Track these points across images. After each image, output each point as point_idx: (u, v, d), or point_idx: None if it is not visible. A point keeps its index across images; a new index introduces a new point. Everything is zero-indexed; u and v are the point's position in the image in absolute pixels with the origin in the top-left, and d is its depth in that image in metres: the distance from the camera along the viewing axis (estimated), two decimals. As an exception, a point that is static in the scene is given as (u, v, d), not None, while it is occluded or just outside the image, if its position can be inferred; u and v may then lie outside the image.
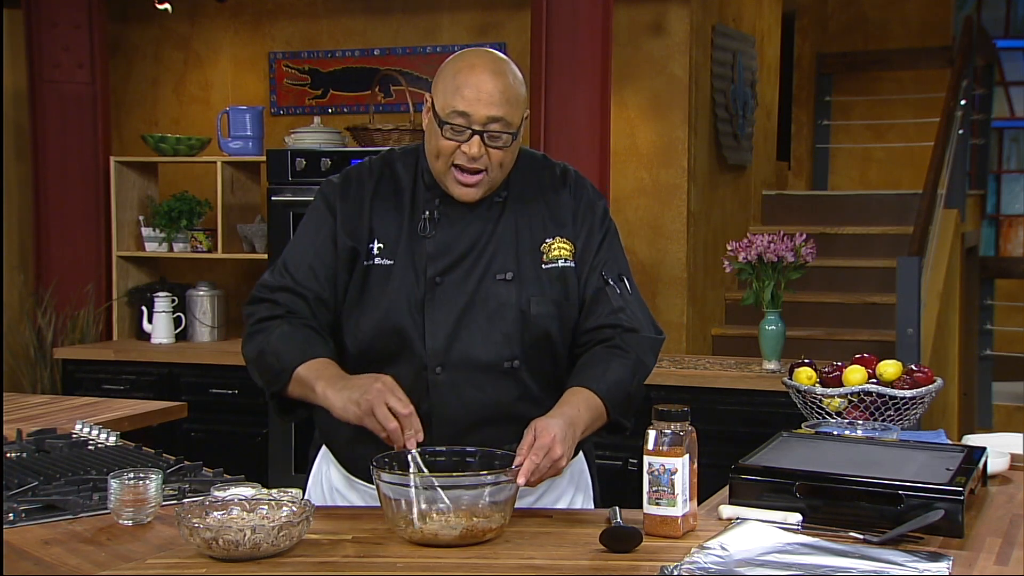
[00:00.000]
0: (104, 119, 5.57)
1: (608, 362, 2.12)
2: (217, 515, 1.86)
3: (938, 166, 5.75)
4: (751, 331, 4.80)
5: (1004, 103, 9.83)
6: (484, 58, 2.11)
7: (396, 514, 1.83)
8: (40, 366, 5.34)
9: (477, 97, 2.05)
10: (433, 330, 2.11)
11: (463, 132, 2.07)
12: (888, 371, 2.55)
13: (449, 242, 2.14)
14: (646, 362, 2.17)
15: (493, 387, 2.12)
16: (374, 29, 5.78)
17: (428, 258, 2.13)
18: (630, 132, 5.47)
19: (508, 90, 2.07)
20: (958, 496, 1.85)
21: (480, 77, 2.07)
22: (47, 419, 3.06)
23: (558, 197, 2.21)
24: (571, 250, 2.18)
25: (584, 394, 2.08)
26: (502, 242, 2.15)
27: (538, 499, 2.20)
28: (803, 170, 8.31)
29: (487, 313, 2.12)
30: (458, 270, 2.13)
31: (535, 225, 2.18)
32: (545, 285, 2.14)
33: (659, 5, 5.42)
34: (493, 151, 2.08)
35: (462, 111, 2.06)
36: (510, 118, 2.08)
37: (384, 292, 2.13)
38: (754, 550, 1.76)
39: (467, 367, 2.11)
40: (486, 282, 2.13)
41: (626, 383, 2.12)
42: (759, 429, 2.92)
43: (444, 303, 2.11)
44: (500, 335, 2.11)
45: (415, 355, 2.11)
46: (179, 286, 5.44)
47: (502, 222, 2.17)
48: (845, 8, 8.89)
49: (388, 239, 2.16)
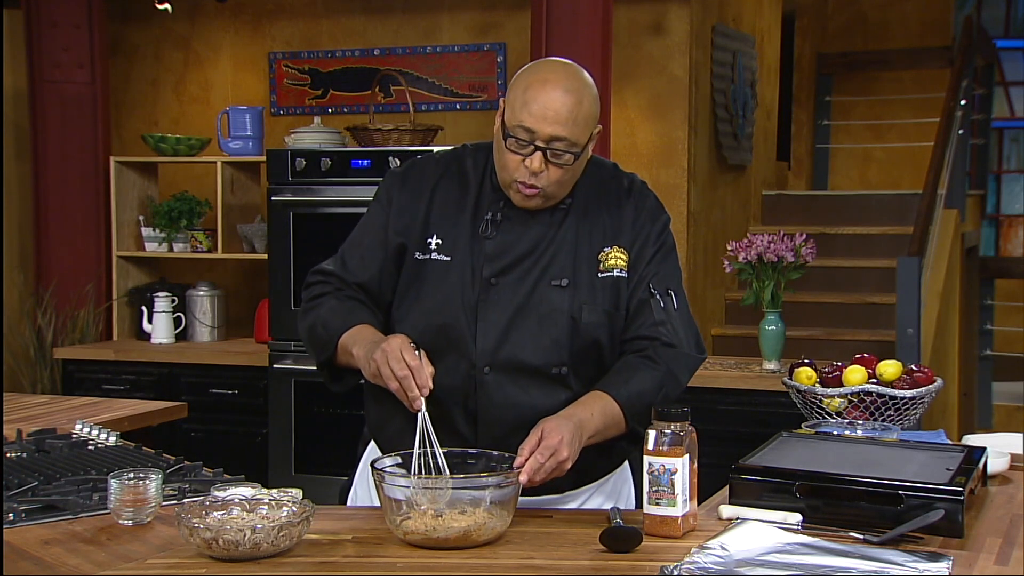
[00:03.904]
0: (104, 119, 5.57)
1: (635, 371, 2.12)
2: (217, 515, 1.86)
3: (938, 166, 5.75)
4: (751, 331, 4.80)
5: (1004, 103, 9.83)
6: (559, 73, 2.08)
7: (396, 514, 1.83)
8: (40, 366, 5.35)
9: (543, 115, 2.03)
10: (485, 330, 2.11)
11: (527, 146, 2.05)
12: (888, 371, 2.55)
13: (508, 245, 2.14)
14: (679, 377, 2.15)
15: (540, 391, 2.11)
16: (374, 29, 5.77)
17: (486, 259, 2.13)
18: (630, 132, 5.47)
19: (577, 109, 2.04)
20: (958, 496, 1.85)
21: (551, 94, 2.04)
22: (47, 419, 3.06)
23: (621, 208, 2.20)
24: (627, 260, 2.17)
25: (603, 399, 2.07)
26: (561, 248, 2.15)
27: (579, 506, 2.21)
28: (803, 170, 8.31)
29: (538, 318, 2.11)
30: (514, 273, 2.13)
31: (596, 234, 2.17)
32: (598, 294, 2.14)
33: (659, 5, 5.42)
34: (553, 168, 2.07)
35: (528, 127, 2.04)
36: (575, 138, 2.05)
37: (439, 288, 2.14)
38: (754, 550, 1.76)
39: (515, 370, 2.11)
40: (541, 287, 2.13)
41: (649, 394, 2.10)
42: (759, 429, 2.93)
43: (497, 304, 2.12)
44: (549, 340, 2.11)
45: (465, 354, 2.11)
46: (179, 286, 5.44)
47: (564, 228, 2.16)
48: (845, 8, 8.90)
49: (447, 235, 2.16)
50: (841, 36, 8.82)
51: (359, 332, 2.12)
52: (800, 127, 8.37)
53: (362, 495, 2.32)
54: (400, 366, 1.95)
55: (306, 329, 2.22)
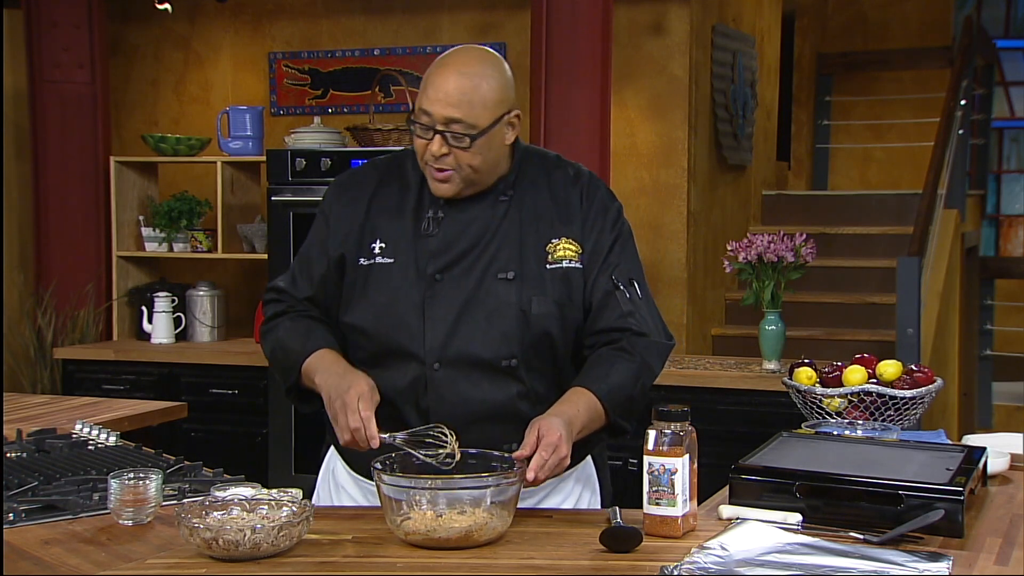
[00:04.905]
0: (104, 119, 5.57)
1: (612, 364, 2.12)
2: (217, 515, 1.86)
3: (938, 166, 5.75)
4: (751, 331, 4.80)
5: (1004, 103, 9.82)
6: (459, 57, 2.10)
7: (396, 514, 1.83)
8: (40, 366, 5.34)
9: (437, 97, 2.05)
10: (432, 327, 2.11)
11: (428, 131, 2.07)
12: (888, 371, 2.55)
13: (451, 240, 2.14)
14: (652, 366, 2.16)
15: (491, 385, 2.12)
16: (374, 29, 5.78)
17: (430, 256, 2.14)
18: (630, 132, 5.47)
19: (472, 92, 2.05)
20: (958, 496, 1.85)
21: (446, 77, 2.06)
22: (47, 419, 3.06)
23: (568, 197, 2.19)
24: (577, 251, 2.16)
25: (585, 395, 2.08)
26: (505, 241, 2.15)
27: (542, 500, 2.20)
28: (803, 170, 8.31)
29: (486, 311, 2.12)
30: (458, 268, 2.13)
31: (542, 225, 2.17)
32: (548, 285, 2.14)
33: (659, 5, 5.42)
34: (458, 151, 2.07)
35: (425, 110, 2.07)
36: (471, 120, 2.05)
37: (384, 290, 2.14)
38: (754, 550, 1.76)
39: (465, 364, 2.11)
40: (487, 280, 2.13)
41: (628, 386, 2.11)
42: (759, 429, 2.92)
43: (444, 300, 2.12)
44: (499, 333, 2.11)
45: (414, 352, 2.12)
46: (179, 286, 5.44)
47: (507, 221, 2.16)
48: (845, 8, 8.90)
49: (390, 238, 2.17)
50: (841, 36, 8.82)
51: (321, 359, 2.15)
52: (800, 127, 8.37)
53: (324, 497, 2.34)
54: (355, 418, 1.97)
55: (268, 354, 2.28)
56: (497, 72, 2.11)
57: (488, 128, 2.08)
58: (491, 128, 2.09)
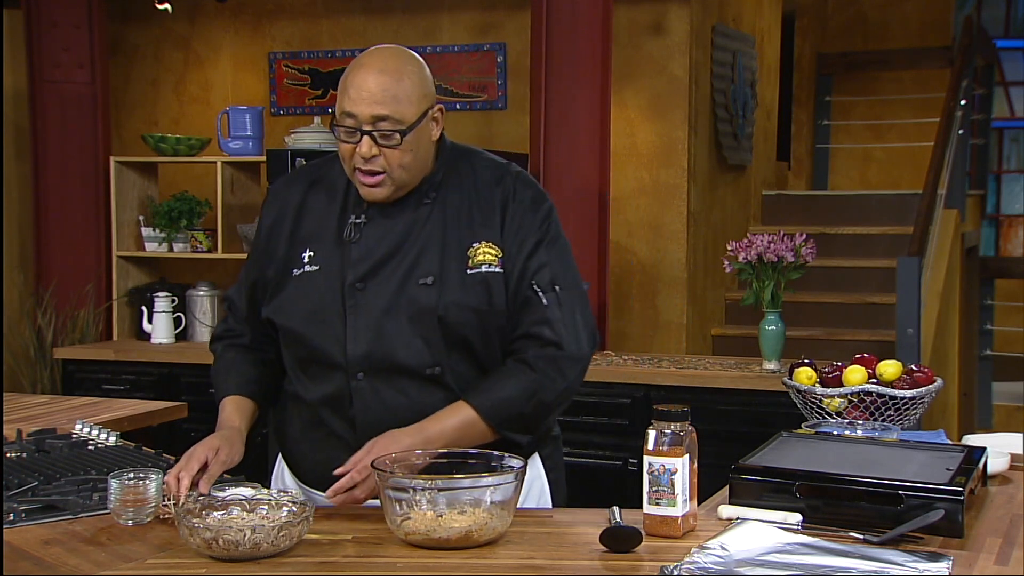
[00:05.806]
0: (104, 119, 5.57)
1: (505, 379, 2.07)
2: (217, 515, 1.86)
3: (938, 166, 5.75)
4: (751, 331, 4.80)
5: (1004, 103, 9.83)
6: (375, 56, 2.06)
7: (396, 514, 1.83)
8: (40, 366, 5.35)
9: (360, 96, 2.01)
10: (354, 336, 2.07)
11: (354, 133, 2.03)
12: (888, 371, 2.55)
13: (372, 247, 2.10)
14: (554, 380, 2.08)
15: (417, 393, 2.08)
16: (374, 29, 5.78)
17: (350, 264, 2.10)
18: (630, 132, 5.47)
19: (395, 86, 2.01)
20: (958, 496, 1.85)
21: (366, 76, 2.02)
22: (47, 419, 3.06)
23: (491, 200, 2.12)
24: (497, 255, 2.10)
25: (462, 410, 2.04)
26: (427, 245, 2.09)
27: None
28: (803, 170, 8.31)
29: (408, 318, 2.06)
30: (380, 275, 2.08)
31: (464, 228, 2.10)
32: (468, 291, 2.07)
33: (659, 5, 5.42)
34: (388, 151, 2.03)
35: (349, 112, 2.03)
36: (399, 115, 2.01)
37: (307, 299, 2.11)
38: (754, 550, 1.76)
39: (389, 373, 2.07)
40: (408, 287, 2.07)
41: (518, 401, 2.05)
42: (759, 429, 2.92)
43: (365, 309, 2.07)
44: (421, 341, 2.06)
45: (337, 362, 2.09)
46: (179, 286, 5.44)
47: (429, 224, 2.10)
48: (845, 8, 8.90)
49: (317, 246, 2.14)
50: (841, 36, 8.83)
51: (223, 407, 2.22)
52: (800, 127, 8.37)
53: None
54: (174, 473, 2.01)
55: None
56: (416, 67, 2.07)
57: (416, 123, 2.04)
58: (418, 123, 2.04)
